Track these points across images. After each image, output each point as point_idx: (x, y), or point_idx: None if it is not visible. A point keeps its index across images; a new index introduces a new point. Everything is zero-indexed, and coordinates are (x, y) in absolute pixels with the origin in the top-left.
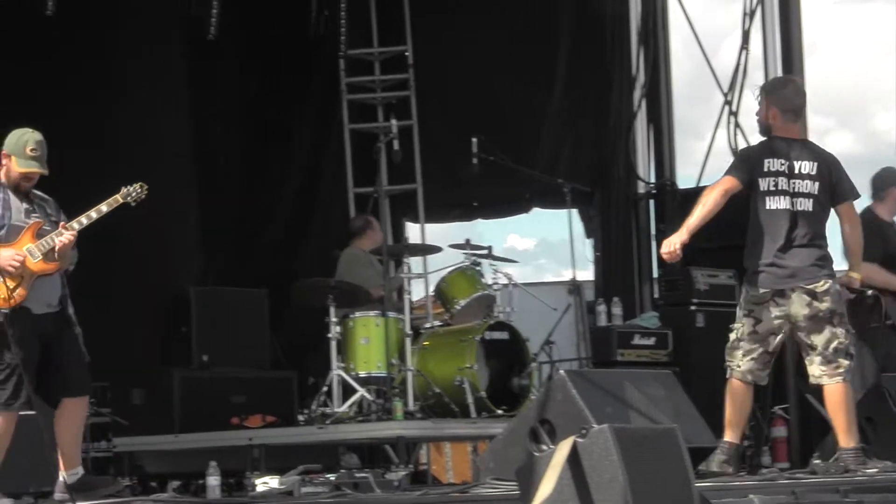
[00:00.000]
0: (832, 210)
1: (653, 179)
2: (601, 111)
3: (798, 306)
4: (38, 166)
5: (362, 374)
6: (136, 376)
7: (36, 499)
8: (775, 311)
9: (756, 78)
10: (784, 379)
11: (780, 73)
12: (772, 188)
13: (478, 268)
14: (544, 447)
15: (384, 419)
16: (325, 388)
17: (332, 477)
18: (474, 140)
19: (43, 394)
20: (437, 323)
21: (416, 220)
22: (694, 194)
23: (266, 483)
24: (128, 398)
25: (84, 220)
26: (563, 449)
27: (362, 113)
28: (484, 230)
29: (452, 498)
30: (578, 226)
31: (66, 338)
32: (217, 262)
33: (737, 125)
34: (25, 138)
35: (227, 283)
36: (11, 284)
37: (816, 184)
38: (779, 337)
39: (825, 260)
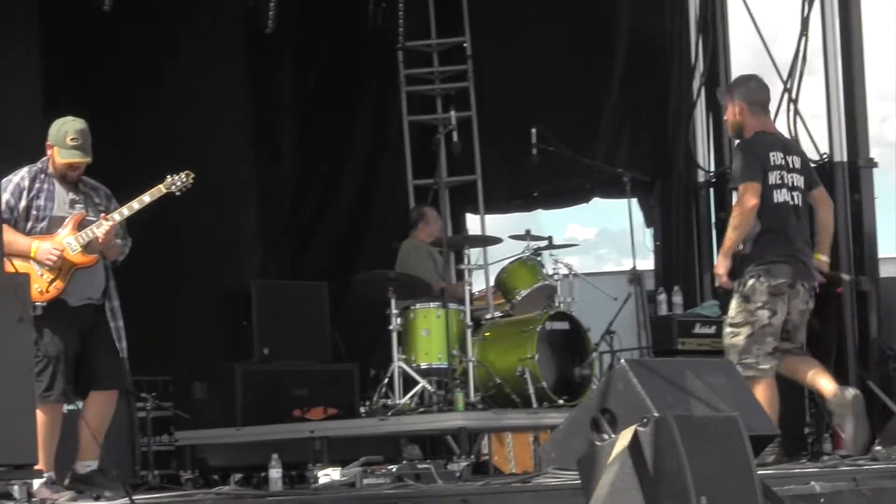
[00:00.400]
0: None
1: (712, 168)
2: (660, 101)
3: (800, 302)
4: (80, 155)
5: (423, 365)
6: (197, 370)
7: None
8: (789, 304)
9: (816, 65)
10: (845, 366)
11: (839, 59)
12: (778, 181)
13: (538, 258)
14: (605, 437)
15: (445, 410)
16: (386, 380)
17: (393, 468)
18: (533, 130)
19: (74, 385)
20: (497, 314)
21: (476, 211)
22: None
23: (328, 475)
24: (189, 392)
25: (125, 210)
26: (625, 438)
27: (421, 105)
28: (544, 220)
29: (514, 488)
30: (638, 215)
31: (101, 330)
32: (277, 256)
33: (796, 112)
34: (66, 128)
35: (288, 277)
36: (49, 277)
37: (802, 178)
38: (780, 332)
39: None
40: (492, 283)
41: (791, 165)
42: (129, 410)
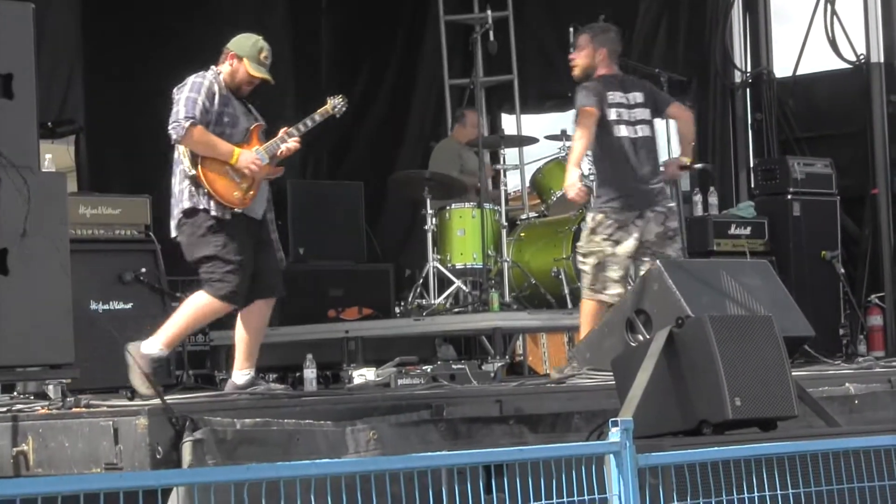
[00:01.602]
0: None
1: (749, 68)
2: (697, 1)
3: (654, 225)
4: (268, 73)
5: (458, 265)
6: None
7: (132, 393)
8: (634, 234)
9: None
10: (880, 267)
11: None
12: (616, 118)
13: None
14: (640, 337)
15: (480, 311)
16: (421, 280)
17: (428, 368)
18: (571, 29)
19: None
20: (532, 214)
21: (511, 111)
22: (791, 83)
23: (363, 375)
24: None
25: (301, 127)
26: (660, 339)
27: (458, 4)
28: None
29: (549, 389)
30: None
31: (267, 241)
32: (314, 155)
33: (833, 13)
34: (260, 45)
35: (324, 177)
36: (245, 185)
37: (647, 109)
38: (630, 260)
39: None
40: (527, 183)
41: (634, 102)
42: (165, 310)
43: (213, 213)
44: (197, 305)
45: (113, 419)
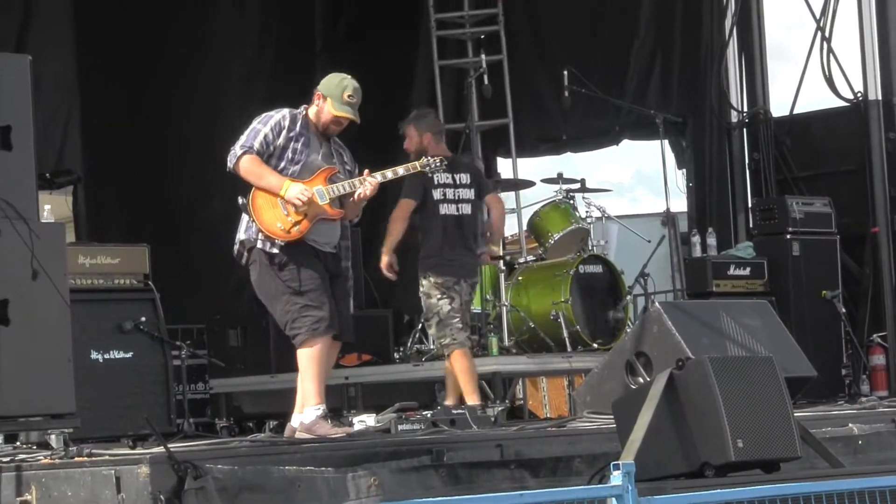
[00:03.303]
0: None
1: (745, 108)
2: (691, 41)
3: (465, 294)
4: (352, 113)
5: None
6: (231, 318)
7: (133, 442)
8: (460, 291)
9: (847, 3)
10: (881, 306)
11: None
12: (441, 197)
13: (571, 201)
14: (641, 380)
15: (479, 355)
16: (419, 325)
17: (428, 414)
18: (565, 72)
19: None
20: (530, 258)
21: (507, 154)
22: (788, 122)
23: (363, 421)
24: (224, 340)
25: (389, 174)
26: (660, 381)
27: (452, 48)
28: (577, 163)
29: (550, 432)
30: (671, 157)
31: (341, 283)
32: None
33: (830, 51)
34: (345, 83)
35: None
36: (294, 219)
37: (471, 190)
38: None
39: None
40: (524, 226)
41: (459, 182)
42: (165, 359)
43: (258, 245)
44: (305, 359)
45: (115, 468)
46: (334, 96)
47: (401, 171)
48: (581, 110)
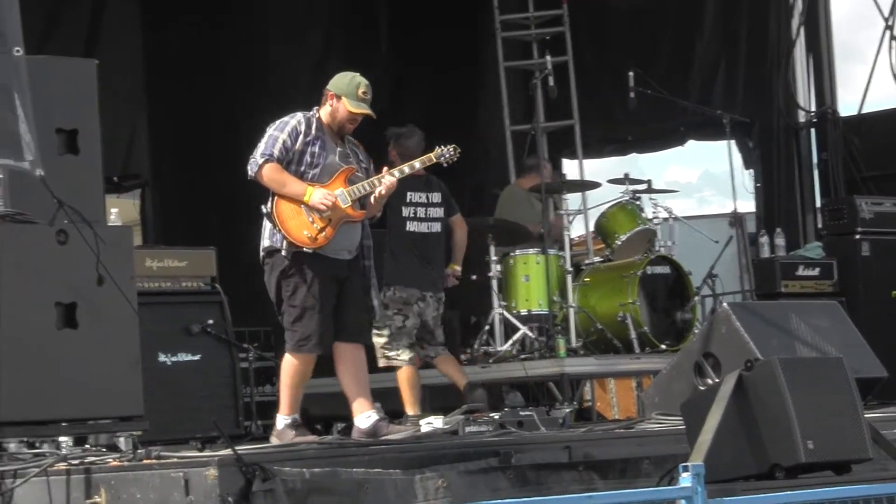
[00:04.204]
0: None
1: (813, 108)
2: (757, 39)
3: (431, 309)
4: (369, 109)
5: (524, 312)
6: None
7: (202, 444)
8: (417, 311)
9: None
10: None
11: None
12: (412, 215)
13: (638, 202)
14: (709, 381)
15: (547, 357)
16: (486, 327)
17: (496, 416)
18: (631, 74)
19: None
20: (597, 259)
21: (573, 156)
22: (856, 122)
23: (430, 423)
24: None
25: (406, 168)
26: (729, 382)
27: (517, 49)
28: (644, 163)
29: (618, 434)
30: (738, 157)
31: (355, 286)
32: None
33: None
34: (357, 81)
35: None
36: (319, 225)
37: (441, 209)
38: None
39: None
40: (591, 228)
41: (430, 201)
42: (232, 361)
43: (283, 252)
44: (284, 367)
45: (184, 470)
46: (349, 94)
47: (416, 164)
48: (646, 111)
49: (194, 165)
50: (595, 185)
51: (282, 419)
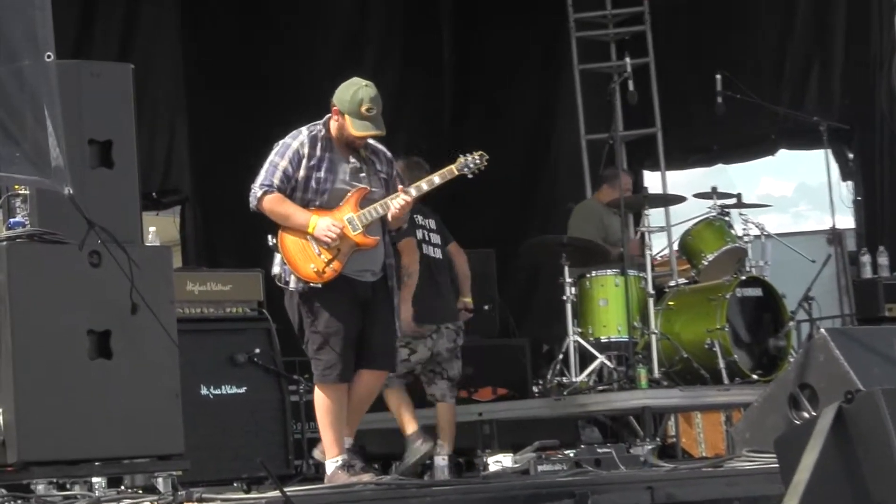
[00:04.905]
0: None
1: None
2: (855, 40)
3: (446, 341)
4: (375, 128)
5: (601, 339)
6: None
7: (248, 485)
8: (429, 344)
9: None
10: None
11: None
12: (423, 238)
13: (726, 218)
14: (805, 414)
15: (627, 388)
16: (560, 356)
17: (571, 453)
18: (718, 76)
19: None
20: (682, 280)
21: (655, 167)
22: None
23: (499, 461)
24: None
25: (424, 185)
26: (827, 416)
27: (594, 52)
28: (734, 176)
29: (705, 473)
30: (835, 168)
31: (381, 308)
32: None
33: None
34: (360, 96)
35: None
36: (327, 257)
37: (438, 236)
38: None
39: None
40: (675, 246)
41: (429, 226)
42: (282, 394)
43: (291, 287)
44: (318, 404)
45: None
46: (351, 112)
47: (437, 179)
48: (734, 117)
49: (239, 179)
50: (679, 199)
51: (330, 463)
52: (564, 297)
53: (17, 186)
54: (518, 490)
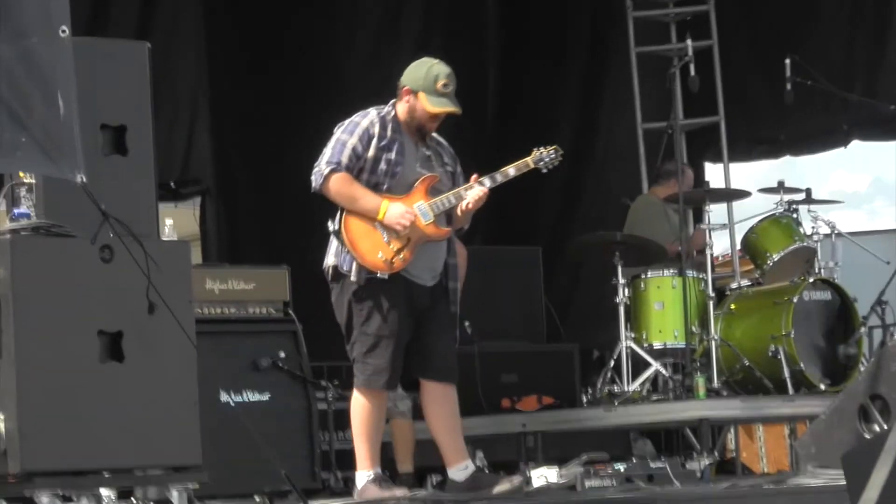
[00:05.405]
0: None
1: None
2: None
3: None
4: (452, 104)
5: (657, 345)
6: None
7: (270, 500)
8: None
9: None
10: None
11: None
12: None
13: (794, 215)
14: (876, 428)
15: (683, 398)
16: (612, 363)
17: (621, 468)
18: (788, 61)
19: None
20: (745, 282)
21: (716, 159)
22: None
23: (543, 476)
24: None
25: (499, 176)
26: None
27: (652, 33)
28: (803, 169)
29: (768, 491)
30: None
31: (440, 314)
32: (483, 217)
33: None
34: (435, 72)
35: (495, 242)
36: (396, 246)
37: None
38: None
39: None
40: (738, 245)
41: None
42: (308, 402)
43: (352, 277)
44: (356, 412)
45: None
46: (426, 89)
47: (511, 171)
48: (801, 106)
49: (264, 170)
50: (744, 194)
51: (362, 475)
52: (618, 300)
53: (21, 174)
54: None
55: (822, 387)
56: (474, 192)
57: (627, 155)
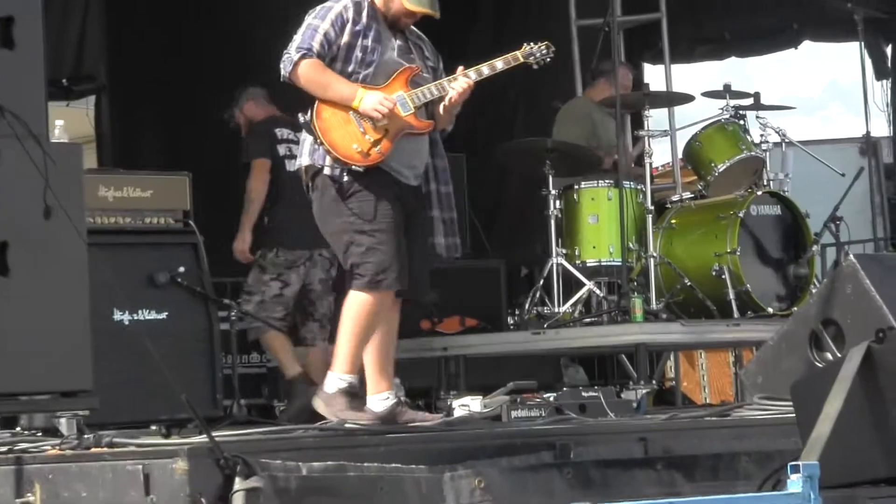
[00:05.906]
0: None
1: None
2: None
3: (319, 270)
4: (430, 7)
5: (590, 262)
6: None
7: (167, 428)
8: (301, 273)
9: None
10: None
11: None
12: (287, 153)
13: (741, 122)
14: (829, 356)
15: (619, 321)
16: (541, 282)
17: (551, 397)
18: None
19: None
20: (687, 195)
21: (658, 59)
22: None
23: (465, 405)
24: None
25: (486, 69)
26: (855, 358)
27: None
28: (751, 72)
29: (709, 423)
30: (869, 64)
31: (418, 223)
32: None
33: None
34: None
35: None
36: (373, 137)
37: None
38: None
39: None
40: (680, 154)
41: (296, 140)
42: (210, 321)
43: (326, 171)
44: (352, 309)
45: (143, 462)
46: None
47: (499, 64)
48: (749, 2)
49: (165, 67)
50: (687, 98)
51: (336, 379)
52: (548, 213)
53: None
54: (487, 439)
55: (770, 310)
56: (459, 83)
57: (559, 55)
